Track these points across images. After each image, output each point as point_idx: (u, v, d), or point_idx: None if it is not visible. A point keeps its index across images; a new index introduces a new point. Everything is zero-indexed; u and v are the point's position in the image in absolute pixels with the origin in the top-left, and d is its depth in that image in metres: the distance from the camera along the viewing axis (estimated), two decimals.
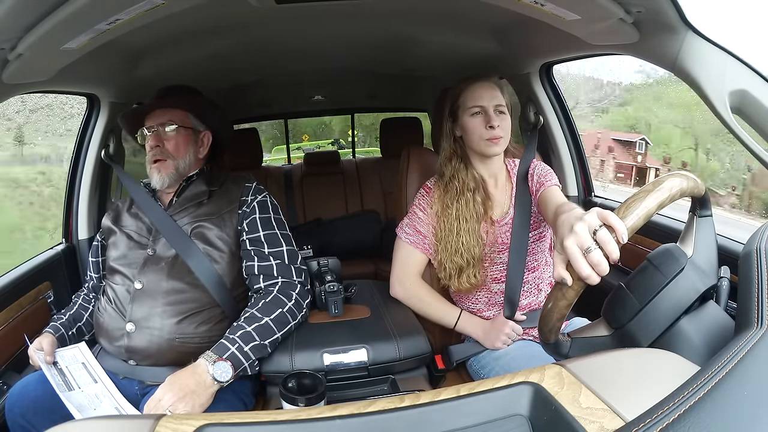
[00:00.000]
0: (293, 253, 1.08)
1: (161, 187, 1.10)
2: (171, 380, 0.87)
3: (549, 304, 0.61)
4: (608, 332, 0.66)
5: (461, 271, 1.11)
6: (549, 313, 0.61)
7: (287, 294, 1.02)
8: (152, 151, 1.09)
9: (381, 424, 0.48)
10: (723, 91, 0.77)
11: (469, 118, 1.11)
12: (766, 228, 0.67)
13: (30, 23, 0.76)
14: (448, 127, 1.16)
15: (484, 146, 1.11)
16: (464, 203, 1.12)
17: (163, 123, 1.10)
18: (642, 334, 0.62)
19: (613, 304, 0.67)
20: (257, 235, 1.06)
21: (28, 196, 4.06)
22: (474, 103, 1.10)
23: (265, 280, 1.04)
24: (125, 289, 1.04)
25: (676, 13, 0.78)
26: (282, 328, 0.98)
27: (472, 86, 1.12)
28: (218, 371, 0.88)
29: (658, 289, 0.63)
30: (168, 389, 0.85)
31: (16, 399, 0.97)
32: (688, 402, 0.42)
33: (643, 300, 0.63)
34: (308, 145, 6.55)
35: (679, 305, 0.62)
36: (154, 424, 0.47)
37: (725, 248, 1.01)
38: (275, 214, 1.11)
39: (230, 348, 0.91)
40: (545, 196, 1.06)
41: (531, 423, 0.48)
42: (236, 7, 1.08)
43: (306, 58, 1.69)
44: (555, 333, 0.65)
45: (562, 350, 0.71)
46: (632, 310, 0.64)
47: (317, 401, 0.77)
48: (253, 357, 0.92)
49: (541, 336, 0.66)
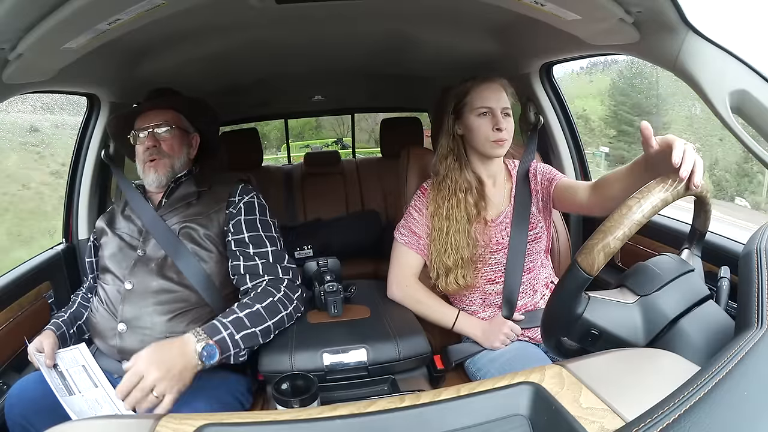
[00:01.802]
0: (278, 254, 1.07)
1: (157, 186, 1.11)
2: (157, 353, 0.83)
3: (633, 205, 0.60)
4: (632, 300, 0.66)
5: (448, 272, 1.11)
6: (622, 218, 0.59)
7: (276, 287, 1.02)
8: (148, 151, 1.10)
9: (381, 424, 0.47)
10: (723, 91, 0.77)
11: (475, 118, 1.11)
12: (766, 228, 0.67)
13: (30, 23, 0.76)
14: (449, 124, 1.16)
15: (489, 147, 1.11)
16: (455, 203, 1.12)
17: (158, 124, 1.11)
18: (668, 306, 0.63)
19: (639, 273, 0.67)
20: (242, 236, 1.07)
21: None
22: (482, 103, 1.10)
23: (252, 279, 1.04)
24: (116, 289, 1.04)
25: (676, 13, 0.78)
26: (273, 317, 0.97)
27: (481, 86, 1.12)
28: (206, 353, 0.86)
29: (685, 270, 0.66)
30: (153, 366, 0.81)
31: (16, 399, 0.97)
32: (688, 402, 0.42)
33: (670, 276, 0.65)
34: (317, 143, 6.59)
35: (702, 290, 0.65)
36: (154, 424, 0.47)
37: (725, 248, 1.01)
38: (261, 215, 1.11)
39: (222, 332, 0.90)
40: (564, 185, 1.10)
41: (531, 423, 0.48)
42: (236, 7, 1.08)
43: (306, 58, 1.69)
44: (601, 261, 0.60)
45: (563, 347, 0.71)
46: (659, 281, 0.65)
47: (311, 402, 0.77)
48: (242, 345, 0.91)
49: (577, 258, 0.62)
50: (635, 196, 0.61)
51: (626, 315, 0.64)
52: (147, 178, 1.11)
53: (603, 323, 0.63)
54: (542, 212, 1.17)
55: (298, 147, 5.86)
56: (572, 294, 0.63)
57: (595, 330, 0.63)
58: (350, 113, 3.29)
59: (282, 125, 3.56)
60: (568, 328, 0.65)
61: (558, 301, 0.65)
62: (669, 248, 1.15)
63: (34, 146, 4.05)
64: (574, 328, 0.64)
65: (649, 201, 0.60)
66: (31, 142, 3.99)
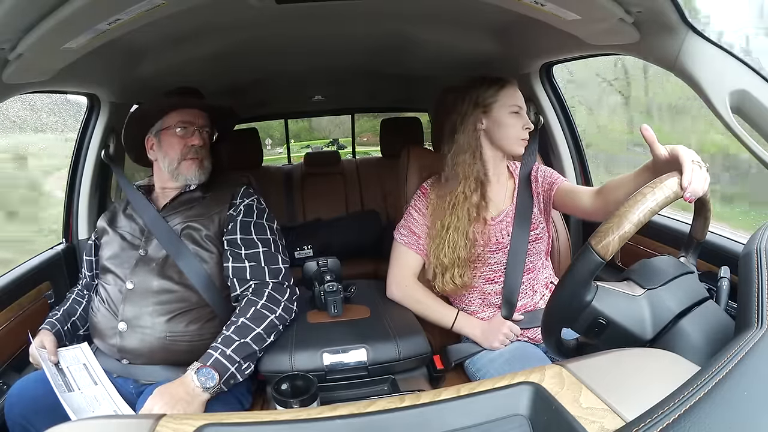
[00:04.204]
0: (270, 256, 1.07)
1: (198, 182, 1.12)
2: (160, 390, 0.88)
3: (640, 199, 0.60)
4: (639, 293, 0.66)
5: (445, 271, 1.11)
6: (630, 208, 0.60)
7: (259, 294, 1.02)
8: (193, 148, 1.11)
9: (381, 424, 0.47)
10: (723, 91, 0.77)
11: (508, 115, 1.12)
12: (766, 228, 0.67)
13: (30, 23, 0.76)
14: (470, 118, 1.14)
15: (516, 145, 1.13)
16: (459, 201, 1.12)
17: (204, 125, 1.13)
18: (673, 301, 0.63)
19: (644, 268, 0.68)
20: (234, 237, 1.07)
21: None
22: (515, 102, 1.13)
23: (240, 285, 1.04)
24: (117, 289, 1.04)
25: (676, 13, 0.78)
26: (260, 323, 0.97)
27: (513, 86, 1.15)
28: (202, 378, 0.89)
29: (686, 271, 0.67)
30: (158, 399, 0.86)
31: (16, 399, 0.97)
32: (688, 402, 0.42)
33: (673, 273, 0.66)
34: (318, 143, 6.61)
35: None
36: (154, 423, 0.47)
37: (725, 248, 1.01)
38: (258, 218, 1.11)
39: (213, 354, 0.92)
40: (565, 189, 1.12)
41: (531, 423, 0.48)
42: (236, 7, 1.08)
43: (306, 58, 1.69)
44: (611, 249, 0.59)
45: (564, 347, 0.71)
46: (664, 276, 0.65)
47: (310, 402, 0.77)
48: (239, 359, 0.92)
49: (590, 241, 0.61)
50: (649, 185, 0.62)
51: (634, 306, 0.64)
52: (188, 173, 1.11)
53: (611, 313, 0.63)
54: (543, 214, 1.17)
55: (299, 147, 5.89)
56: (584, 278, 0.62)
57: (603, 319, 0.63)
58: (350, 113, 3.29)
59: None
60: (575, 317, 0.64)
61: (568, 285, 0.63)
62: (669, 248, 1.15)
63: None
64: (581, 316, 0.64)
65: (663, 192, 0.61)
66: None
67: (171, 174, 1.11)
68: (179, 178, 1.11)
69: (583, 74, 1.99)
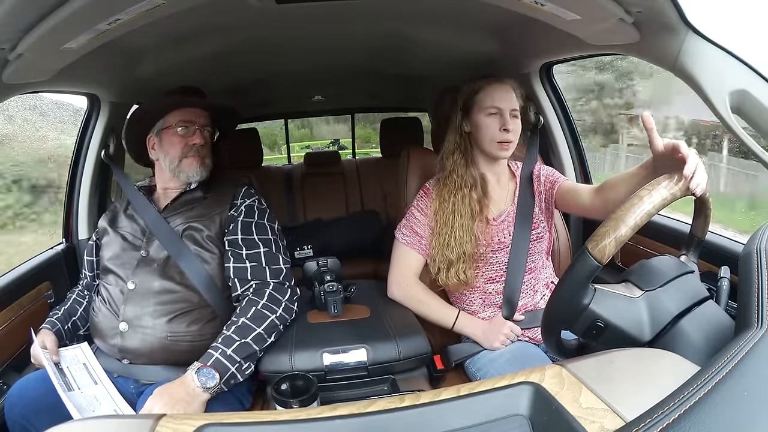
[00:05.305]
0: (271, 256, 1.07)
1: (199, 178, 1.12)
2: (160, 391, 0.88)
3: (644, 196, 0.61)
4: (637, 295, 0.66)
5: (450, 266, 1.11)
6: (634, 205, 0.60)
7: (260, 294, 1.02)
8: (195, 147, 1.10)
9: (381, 424, 0.47)
10: (723, 91, 0.77)
11: (484, 117, 1.11)
12: (766, 228, 0.67)
13: (30, 23, 0.76)
14: (457, 120, 1.16)
15: (494, 149, 1.12)
16: (461, 198, 1.12)
17: (206, 124, 1.13)
18: (671, 302, 0.64)
19: (643, 269, 0.68)
20: (235, 237, 1.07)
21: None
22: (492, 103, 1.11)
23: (241, 285, 1.04)
24: (119, 289, 1.04)
25: (676, 13, 0.77)
26: (261, 323, 0.97)
27: (492, 86, 1.13)
28: (203, 378, 0.89)
29: (686, 271, 0.68)
30: (158, 399, 0.86)
31: (16, 399, 0.97)
32: (688, 402, 0.42)
33: (672, 274, 0.66)
34: (318, 144, 6.63)
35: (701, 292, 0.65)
36: (154, 423, 0.47)
37: (725, 248, 1.01)
38: (259, 219, 1.11)
39: (213, 354, 0.92)
40: (566, 188, 1.12)
41: (531, 423, 0.48)
42: (236, 7, 1.08)
43: (306, 58, 1.69)
44: (609, 252, 0.60)
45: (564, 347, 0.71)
46: (663, 277, 0.66)
47: (310, 402, 0.77)
48: (239, 359, 0.92)
49: (587, 245, 0.61)
50: (646, 188, 0.62)
51: (632, 309, 0.64)
52: (189, 170, 1.10)
53: (609, 315, 0.63)
54: (544, 213, 1.17)
55: (299, 147, 5.89)
56: (581, 282, 0.62)
57: (601, 322, 0.63)
58: (350, 113, 3.29)
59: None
60: (573, 319, 0.64)
61: (566, 289, 0.64)
62: (669, 248, 1.15)
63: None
64: (579, 319, 0.64)
65: (659, 194, 0.61)
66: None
67: (173, 172, 1.11)
68: (181, 176, 1.11)
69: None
